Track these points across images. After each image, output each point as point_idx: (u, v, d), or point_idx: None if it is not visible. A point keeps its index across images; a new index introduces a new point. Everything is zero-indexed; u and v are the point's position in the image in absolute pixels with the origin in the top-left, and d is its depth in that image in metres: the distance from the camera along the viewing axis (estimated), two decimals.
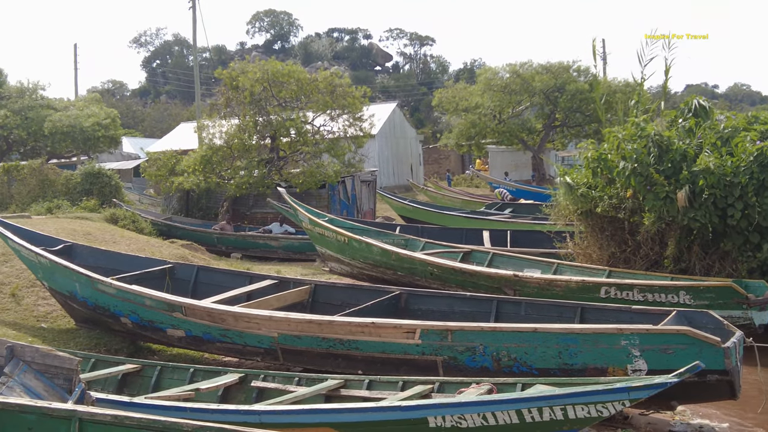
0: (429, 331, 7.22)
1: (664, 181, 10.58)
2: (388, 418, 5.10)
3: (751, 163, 10.17)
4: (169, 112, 72.83)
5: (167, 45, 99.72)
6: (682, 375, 4.93)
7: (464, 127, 39.28)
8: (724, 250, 10.66)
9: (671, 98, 45.66)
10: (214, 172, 22.01)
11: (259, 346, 8.04)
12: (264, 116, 22.61)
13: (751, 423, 7.39)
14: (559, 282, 10.51)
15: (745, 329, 8.47)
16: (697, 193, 10.36)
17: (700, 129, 11.36)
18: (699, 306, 9.24)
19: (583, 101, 36.41)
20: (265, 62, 23.26)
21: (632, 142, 11.01)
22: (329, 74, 23.68)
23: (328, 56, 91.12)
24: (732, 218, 10.26)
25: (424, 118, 74.33)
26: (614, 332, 6.64)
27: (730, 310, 9.40)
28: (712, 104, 13.04)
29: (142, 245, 14.95)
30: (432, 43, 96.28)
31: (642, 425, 6.82)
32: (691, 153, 10.75)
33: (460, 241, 15.70)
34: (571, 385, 5.39)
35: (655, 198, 10.56)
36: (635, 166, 10.75)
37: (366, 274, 12.89)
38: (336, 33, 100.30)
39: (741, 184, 10.15)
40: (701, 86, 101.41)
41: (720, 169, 10.25)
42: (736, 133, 10.87)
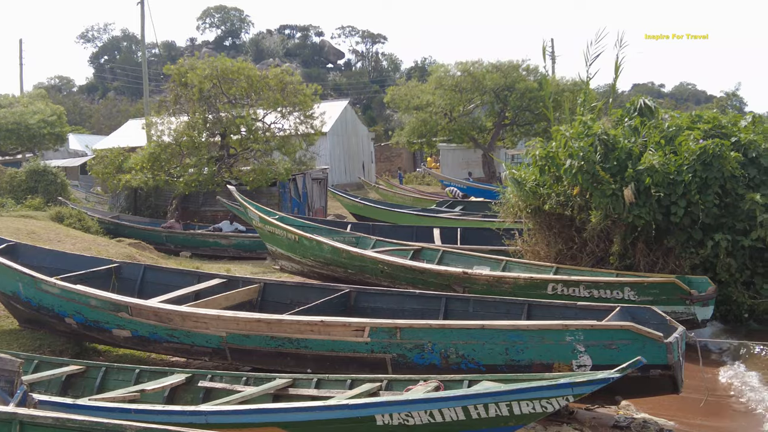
0: (378, 329, 7.23)
1: (610, 179, 10.77)
2: (336, 416, 5.09)
3: (694, 162, 10.40)
4: (117, 109, 71.71)
5: (115, 41, 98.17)
6: (624, 370, 5.00)
7: (416, 125, 39.40)
8: (668, 246, 10.89)
9: (619, 97, 46.40)
10: (162, 169, 21.72)
11: (207, 345, 7.96)
12: (214, 113, 22.39)
13: (694, 416, 7.56)
14: (508, 279, 10.62)
15: (688, 325, 8.68)
16: (641, 190, 10.56)
17: (645, 128, 11.58)
18: (643, 302, 9.44)
19: (533, 100, 36.82)
20: (215, 59, 23.02)
21: (579, 141, 11.17)
22: (280, 71, 23.53)
23: (280, 53, 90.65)
24: (675, 215, 10.49)
25: (376, 116, 74.42)
26: (559, 328, 6.73)
27: (673, 306, 9.61)
28: (658, 103, 13.30)
29: (88, 244, 14.69)
30: (384, 41, 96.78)
31: (587, 420, 6.92)
32: (636, 151, 10.96)
33: (411, 238, 15.76)
34: (517, 381, 5.45)
35: (601, 195, 10.74)
36: (582, 164, 10.91)
37: (317, 272, 12.85)
38: (288, 30, 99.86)
39: (684, 182, 10.37)
40: (648, 85, 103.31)
41: (664, 167, 10.46)
42: (679, 132, 11.11)
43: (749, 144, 10.94)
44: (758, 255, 10.61)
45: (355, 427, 5.11)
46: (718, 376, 8.85)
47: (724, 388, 8.44)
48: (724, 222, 10.63)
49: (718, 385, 8.52)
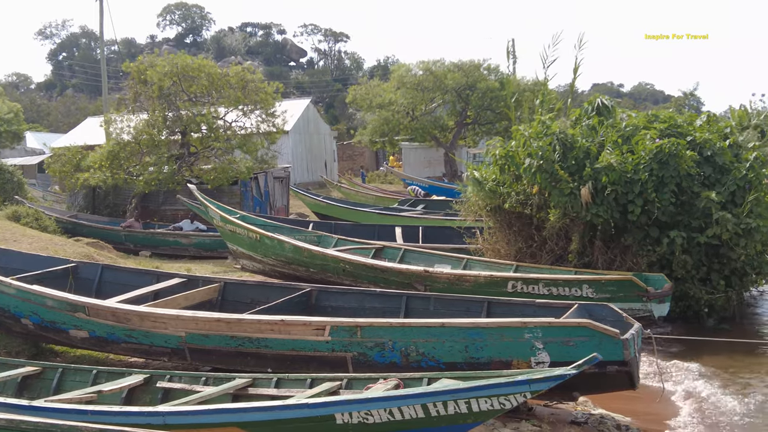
0: (338, 328, 7.23)
1: (569, 178, 10.89)
2: (295, 415, 5.09)
3: (650, 161, 10.56)
4: (75, 107, 70.63)
5: (74, 37, 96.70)
6: (581, 367, 5.06)
7: (378, 124, 39.42)
8: (625, 244, 11.05)
9: (579, 97, 46.91)
10: (121, 168, 21.45)
11: (166, 346, 7.89)
12: (174, 111, 22.17)
13: (650, 411, 7.68)
14: (468, 277, 10.70)
15: (645, 321, 8.81)
16: (599, 189, 10.70)
17: (603, 127, 11.73)
18: (601, 299, 9.55)
19: (494, 99, 37.07)
20: (175, 56, 22.79)
21: (538, 140, 11.28)
22: (241, 69, 23.38)
23: (242, 51, 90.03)
24: (632, 214, 10.64)
25: (338, 115, 74.29)
26: (518, 326, 6.79)
27: (630, 303, 9.76)
28: (617, 103, 13.48)
29: (45, 244, 14.46)
30: (346, 39, 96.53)
31: (545, 416, 7.00)
32: (594, 150, 11.09)
33: (373, 237, 15.77)
34: (476, 378, 5.49)
35: (559, 194, 10.85)
36: (541, 163, 11.01)
37: (278, 271, 12.81)
38: (249, 28, 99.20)
39: (641, 181, 10.53)
40: (607, 85, 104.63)
41: (621, 166, 10.60)
42: (636, 132, 11.27)
43: (704, 143, 11.14)
44: (714, 252, 10.81)
45: (314, 426, 5.11)
46: (675, 372, 8.99)
47: (680, 384, 8.58)
48: (680, 220, 10.81)
49: (674, 381, 8.66)
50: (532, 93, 28.20)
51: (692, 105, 71.84)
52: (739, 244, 10.49)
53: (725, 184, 10.84)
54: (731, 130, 12.15)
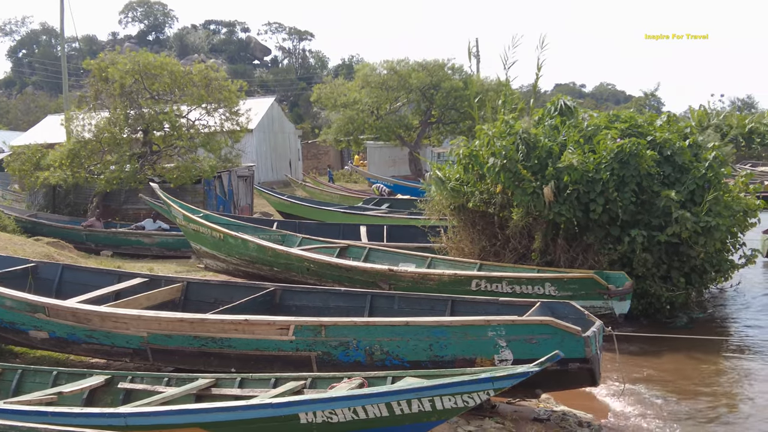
0: (303, 327, 7.22)
1: (532, 177, 10.98)
2: (259, 415, 5.07)
3: (611, 160, 10.69)
4: (35, 104, 69.40)
5: (34, 34, 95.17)
6: (543, 364, 5.11)
7: (343, 123, 39.38)
8: (587, 243, 11.17)
9: (541, 97, 47.29)
10: (82, 166, 21.16)
11: (128, 346, 7.81)
12: (136, 109, 21.93)
13: (611, 408, 7.78)
14: (433, 276, 10.74)
15: (606, 319, 8.92)
16: (561, 188, 10.80)
17: (565, 127, 11.85)
18: (563, 297, 9.66)
19: (458, 99, 37.24)
20: (137, 53, 22.54)
21: (501, 140, 11.36)
22: (204, 67, 23.21)
23: (205, 49, 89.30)
24: (594, 213, 10.76)
25: (303, 113, 74.02)
26: (482, 324, 6.84)
27: (592, 301, 9.88)
28: (579, 103, 13.62)
29: (4, 243, 14.23)
30: (311, 38, 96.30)
31: (508, 413, 7.05)
32: (557, 150, 11.19)
33: (337, 236, 15.76)
34: (439, 376, 5.51)
35: (522, 193, 10.94)
36: (504, 162, 11.09)
37: (242, 270, 12.75)
38: (213, 25, 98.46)
39: (602, 180, 10.65)
40: (569, 85, 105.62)
41: (583, 165, 10.72)
42: (598, 131, 11.40)
43: (664, 142, 11.29)
44: (674, 250, 10.97)
45: (278, 426, 5.09)
46: (636, 369, 9.12)
47: (640, 381, 8.70)
48: (641, 218, 10.95)
49: (635, 378, 8.78)
50: (495, 93, 28.36)
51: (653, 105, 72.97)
52: (698, 243, 10.66)
53: (685, 183, 11.00)
54: (691, 130, 12.34)
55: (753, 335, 10.65)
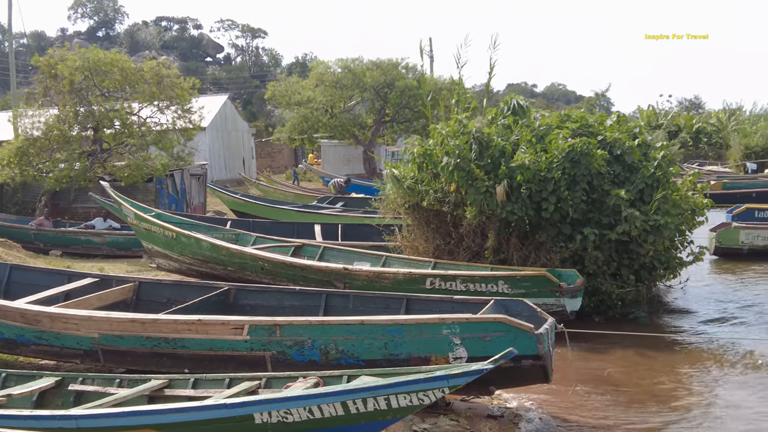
0: (257, 327, 7.19)
1: (485, 176, 11.07)
2: (213, 416, 5.03)
3: (563, 160, 10.82)
4: None
5: None
6: (497, 361, 5.16)
7: (297, 121, 39.19)
8: (539, 241, 11.29)
9: (494, 96, 47.74)
10: (31, 164, 20.71)
11: (78, 347, 7.69)
12: (86, 106, 21.54)
13: (563, 402, 7.89)
14: (387, 274, 10.76)
15: (558, 316, 9.04)
16: (514, 187, 10.91)
17: (518, 127, 11.96)
18: (516, 294, 9.76)
19: (412, 98, 37.33)
20: (87, 50, 22.15)
21: (455, 139, 11.42)
22: (156, 64, 22.89)
23: (156, 45, 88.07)
24: (546, 211, 10.88)
25: (256, 112, 73.44)
26: (436, 322, 6.89)
27: (544, 298, 9.99)
28: (531, 103, 13.77)
29: None
30: (264, 35, 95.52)
31: (462, 411, 7.11)
32: (509, 149, 11.30)
33: (291, 235, 15.70)
34: (394, 375, 5.53)
35: (476, 192, 11.02)
36: (458, 161, 11.16)
37: (195, 270, 12.63)
38: (164, 22, 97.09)
39: (554, 179, 10.78)
40: (521, 85, 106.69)
41: (535, 165, 10.84)
42: (549, 131, 11.53)
43: (614, 142, 11.47)
44: (624, 248, 11.14)
45: (233, 426, 5.06)
46: (588, 365, 9.26)
47: (591, 377, 8.84)
48: (592, 217, 11.11)
49: (587, 373, 8.91)
50: (449, 92, 28.56)
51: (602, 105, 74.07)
52: (647, 241, 10.85)
53: (634, 182, 11.19)
54: (640, 129, 12.56)
55: (701, 330, 10.90)
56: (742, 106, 55.54)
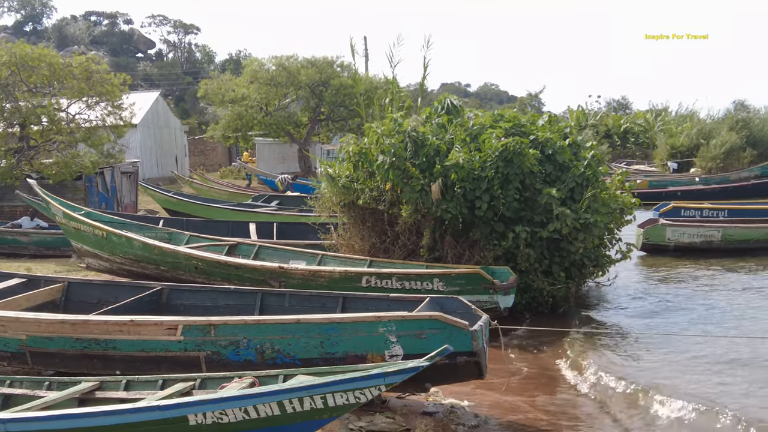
0: (191, 327, 7.11)
1: (420, 175, 11.15)
2: (146, 418, 4.95)
3: (496, 159, 10.97)
4: None
5: None
6: (433, 359, 5.21)
7: (231, 119, 38.81)
8: (473, 239, 11.43)
9: (428, 96, 48.08)
10: None
11: (5, 350, 7.50)
12: (12, 102, 20.92)
13: (496, 398, 8.01)
14: (323, 273, 10.75)
15: (492, 313, 9.17)
16: (449, 186, 11.03)
17: (452, 126, 12.09)
18: (451, 292, 9.87)
19: (347, 96, 37.34)
20: (13, 45, 21.52)
21: (390, 138, 11.48)
22: (85, 60, 22.35)
23: (86, 41, 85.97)
24: (480, 209, 11.02)
25: (189, 109, 72.39)
26: (373, 320, 6.92)
27: (478, 295, 10.12)
28: (464, 102, 13.93)
29: None
30: (197, 31, 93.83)
31: (398, 408, 7.16)
32: (444, 148, 11.41)
33: (226, 233, 15.54)
34: (331, 373, 5.54)
35: (411, 191, 11.09)
36: (393, 160, 11.21)
37: (127, 269, 12.41)
38: (94, 16, 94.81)
39: (487, 178, 10.92)
40: (455, 85, 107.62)
41: (469, 163, 10.96)
42: (483, 130, 11.67)
43: (546, 142, 11.68)
44: (555, 245, 11.36)
45: (166, 428, 4.99)
46: (520, 361, 9.41)
47: (524, 372, 8.99)
48: (524, 215, 11.29)
49: (519, 369, 9.06)
50: (384, 91, 28.64)
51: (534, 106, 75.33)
52: (577, 238, 11.09)
53: (565, 181, 11.41)
54: (570, 129, 12.82)
55: (630, 325, 11.17)
56: (668, 107, 57.17)
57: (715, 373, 8.56)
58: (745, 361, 8.99)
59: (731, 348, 9.52)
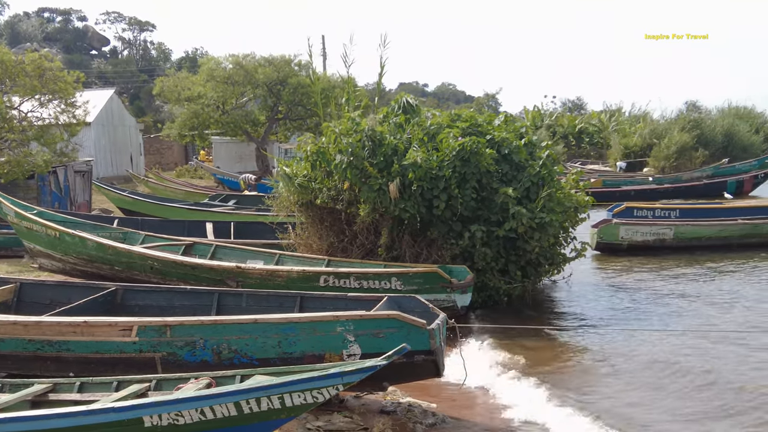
0: (146, 328, 7.04)
1: (378, 174, 11.18)
2: (100, 420, 4.90)
3: (453, 158, 11.05)
4: None
5: None
6: (390, 357, 5.24)
7: (187, 117, 38.41)
8: (431, 238, 11.49)
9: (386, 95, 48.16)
10: None
11: None
12: None
13: (453, 397, 8.07)
14: (281, 272, 10.72)
15: (449, 311, 9.23)
16: (406, 185, 11.07)
17: (410, 125, 12.13)
18: (409, 291, 9.92)
19: (305, 95, 37.20)
20: None
21: (348, 137, 11.49)
22: (38, 57, 21.96)
23: (39, 38, 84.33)
24: (438, 209, 11.09)
25: (144, 107, 71.44)
26: (330, 319, 6.93)
27: (435, 294, 10.18)
28: (422, 102, 13.99)
29: None
30: (152, 29, 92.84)
31: (356, 407, 7.17)
32: (402, 148, 11.45)
33: (182, 233, 15.39)
34: (288, 373, 5.54)
35: (369, 190, 11.12)
36: (351, 159, 11.23)
37: (80, 270, 12.23)
38: (47, 13, 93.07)
39: (445, 177, 10.99)
40: (413, 84, 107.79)
41: (426, 163, 11.02)
42: (440, 130, 11.74)
43: (502, 141, 11.79)
44: (511, 244, 11.48)
45: (121, 430, 4.95)
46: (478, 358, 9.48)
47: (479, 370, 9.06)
48: (481, 214, 11.39)
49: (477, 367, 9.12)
50: (342, 90, 28.60)
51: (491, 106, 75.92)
52: (533, 237, 11.21)
53: (521, 180, 11.53)
54: (526, 129, 12.96)
55: (584, 322, 11.32)
56: (622, 107, 58.07)
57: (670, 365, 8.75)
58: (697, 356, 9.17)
59: (685, 342, 9.74)
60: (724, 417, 7.24)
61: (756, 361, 8.99)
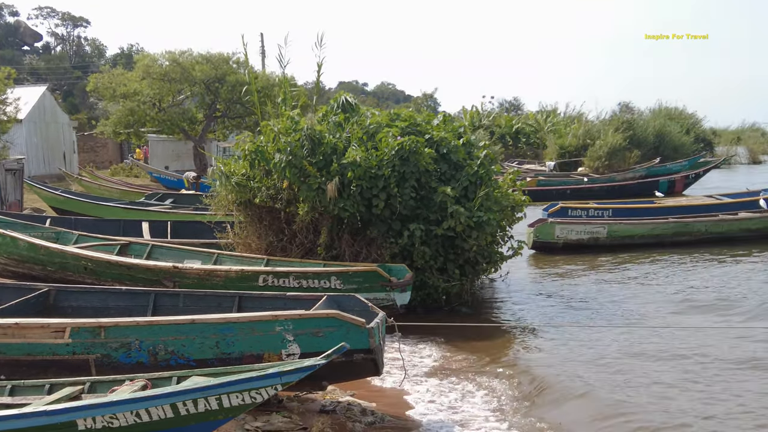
0: (80, 329, 6.90)
1: (317, 173, 11.16)
2: (32, 424, 4.80)
3: (393, 157, 11.09)
4: None
5: None
6: (329, 356, 5.25)
7: (122, 115, 37.71)
8: (371, 237, 11.51)
9: (326, 94, 48.06)
10: None
11: None
12: None
13: (392, 396, 8.12)
14: (219, 272, 10.62)
15: (388, 310, 9.27)
16: (346, 184, 11.07)
17: (349, 124, 12.14)
18: (348, 290, 9.91)
19: (244, 93, 36.90)
20: None
21: (287, 136, 11.44)
22: None
23: None
24: (377, 208, 11.12)
25: (78, 104, 69.94)
26: (269, 319, 6.89)
27: (375, 293, 10.20)
28: (361, 101, 14.00)
29: None
30: (87, 24, 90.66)
31: (295, 407, 7.16)
32: (341, 146, 11.45)
33: (117, 233, 15.12)
34: (226, 374, 5.50)
35: (308, 189, 11.09)
36: (290, 158, 11.18)
37: (11, 270, 11.91)
38: None
39: (384, 176, 11.03)
40: (353, 83, 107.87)
41: (366, 162, 11.04)
42: (380, 129, 11.77)
43: (441, 141, 11.88)
44: (449, 243, 11.57)
45: None
46: (416, 358, 9.56)
47: (418, 368, 9.14)
48: (420, 213, 11.45)
49: (416, 365, 9.20)
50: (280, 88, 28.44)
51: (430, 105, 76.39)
52: (471, 236, 11.32)
53: (459, 180, 11.64)
54: (465, 129, 13.08)
55: (521, 318, 11.52)
56: (557, 108, 59.04)
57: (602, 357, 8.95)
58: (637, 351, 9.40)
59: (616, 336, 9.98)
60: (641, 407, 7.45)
61: (669, 356, 9.21)
